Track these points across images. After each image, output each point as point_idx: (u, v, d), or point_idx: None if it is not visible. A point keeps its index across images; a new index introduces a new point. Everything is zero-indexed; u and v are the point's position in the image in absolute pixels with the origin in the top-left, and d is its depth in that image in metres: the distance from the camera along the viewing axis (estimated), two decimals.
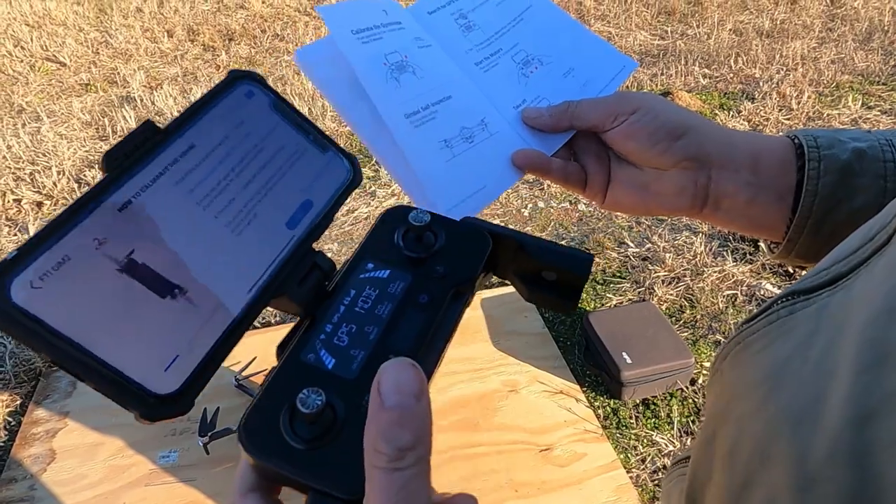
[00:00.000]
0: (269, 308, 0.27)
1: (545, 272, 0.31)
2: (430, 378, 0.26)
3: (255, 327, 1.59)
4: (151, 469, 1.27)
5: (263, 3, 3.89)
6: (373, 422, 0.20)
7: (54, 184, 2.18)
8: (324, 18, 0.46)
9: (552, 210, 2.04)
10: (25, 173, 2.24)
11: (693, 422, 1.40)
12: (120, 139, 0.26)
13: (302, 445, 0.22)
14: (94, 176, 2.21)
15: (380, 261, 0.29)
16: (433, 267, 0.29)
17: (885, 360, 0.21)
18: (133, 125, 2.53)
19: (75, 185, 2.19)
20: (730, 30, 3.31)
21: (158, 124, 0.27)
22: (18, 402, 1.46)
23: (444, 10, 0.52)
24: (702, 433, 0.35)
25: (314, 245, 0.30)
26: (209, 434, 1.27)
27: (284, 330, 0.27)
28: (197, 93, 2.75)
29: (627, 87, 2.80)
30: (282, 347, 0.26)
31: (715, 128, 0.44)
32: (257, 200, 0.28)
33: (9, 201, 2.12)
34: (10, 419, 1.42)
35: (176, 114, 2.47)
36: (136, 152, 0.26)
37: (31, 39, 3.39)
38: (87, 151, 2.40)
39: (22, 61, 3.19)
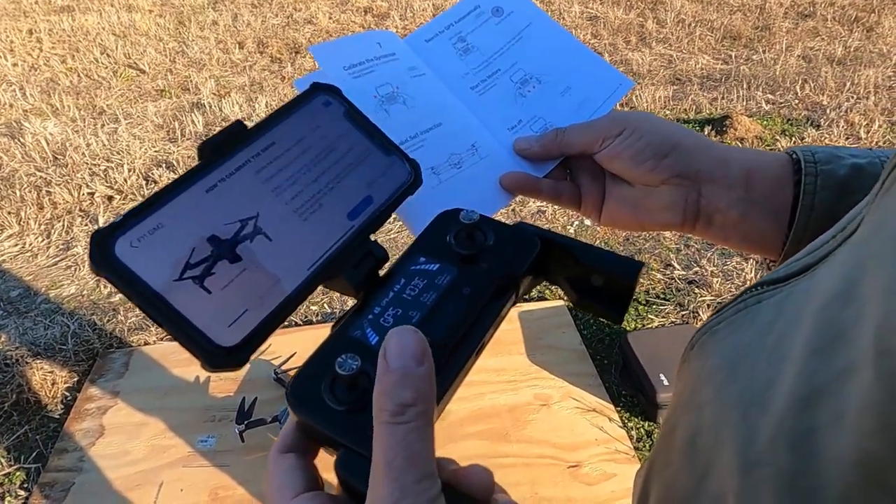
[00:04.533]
0: (333, 293, 0.29)
1: (594, 277, 0.32)
2: (465, 364, 0.28)
3: (297, 324, 1.64)
4: (190, 452, 1.33)
5: (330, 18, 4.05)
6: (379, 383, 0.22)
7: (125, 180, 2.32)
8: (315, 58, 0.46)
9: (598, 228, 2.02)
10: (101, 169, 2.40)
11: None
12: (214, 133, 0.31)
13: (339, 408, 0.25)
14: (162, 174, 2.35)
15: (431, 256, 0.31)
16: (480, 264, 0.31)
17: (836, 339, 0.21)
18: (200, 129, 2.67)
19: (143, 182, 2.33)
20: (798, 56, 3.21)
21: (247, 124, 0.31)
22: (76, 380, 1.55)
23: (441, 35, 0.52)
24: (665, 423, 0.34)
25: (372, 237, 0.33)
26: (245, 423, 1.31)
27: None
28: (262, 102, 2.88)
29: (676, 105, 2.75)
30: (336, 324, 0.29)
31: (706, 144, 0.44)
32: (324, 193, 0.32)
33: (83, 194, 2.28)
34: (67, 394, 1.51)
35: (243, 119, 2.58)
36: (225, 145, 0.30)
37: (116, 48, 3.65)
38: (156, 152, 2.54)
39: (106, 68, 3.42)
